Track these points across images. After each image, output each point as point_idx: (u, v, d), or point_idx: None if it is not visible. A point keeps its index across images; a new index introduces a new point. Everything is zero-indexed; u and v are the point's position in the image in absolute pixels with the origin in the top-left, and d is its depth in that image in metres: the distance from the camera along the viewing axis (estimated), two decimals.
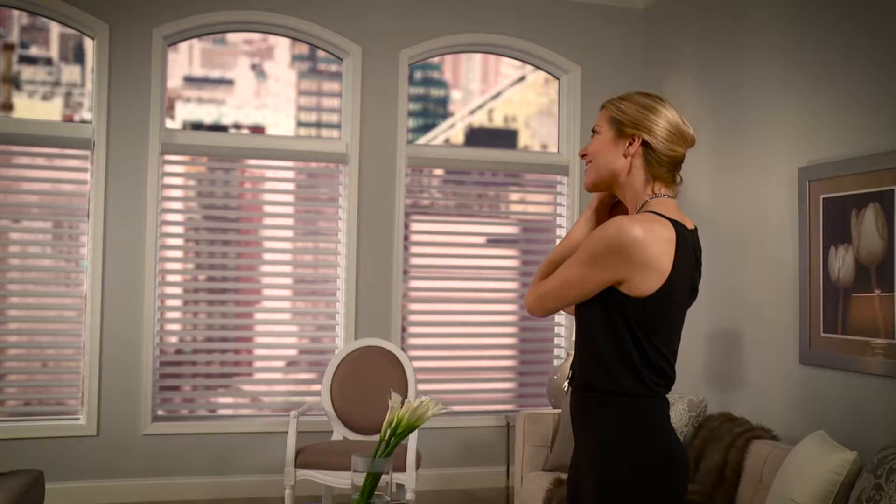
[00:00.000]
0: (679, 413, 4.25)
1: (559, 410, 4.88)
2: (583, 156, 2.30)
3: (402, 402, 2.70)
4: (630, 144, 2.19)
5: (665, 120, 2.20)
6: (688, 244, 2.12)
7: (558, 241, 6.21)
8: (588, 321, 2.18)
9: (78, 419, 5.42)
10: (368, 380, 5.17)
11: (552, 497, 4.09)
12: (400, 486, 4.65)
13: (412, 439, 4.66)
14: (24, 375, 5.46)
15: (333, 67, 6.04)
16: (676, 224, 2.11)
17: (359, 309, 5.77)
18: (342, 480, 4.66)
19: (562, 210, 6.18)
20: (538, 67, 6.29)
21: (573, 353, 2.34)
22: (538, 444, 4.74)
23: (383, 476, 2.72)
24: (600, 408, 2.13)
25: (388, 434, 2.69)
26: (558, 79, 6.28)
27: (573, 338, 5.46)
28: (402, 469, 4.62)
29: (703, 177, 5.37)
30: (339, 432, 5.13)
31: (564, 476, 4.22)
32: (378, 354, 5.23)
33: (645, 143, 2.18)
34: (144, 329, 5.47)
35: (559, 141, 6.28)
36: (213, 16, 5.62)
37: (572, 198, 6.12)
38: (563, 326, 6.12)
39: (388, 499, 2.78)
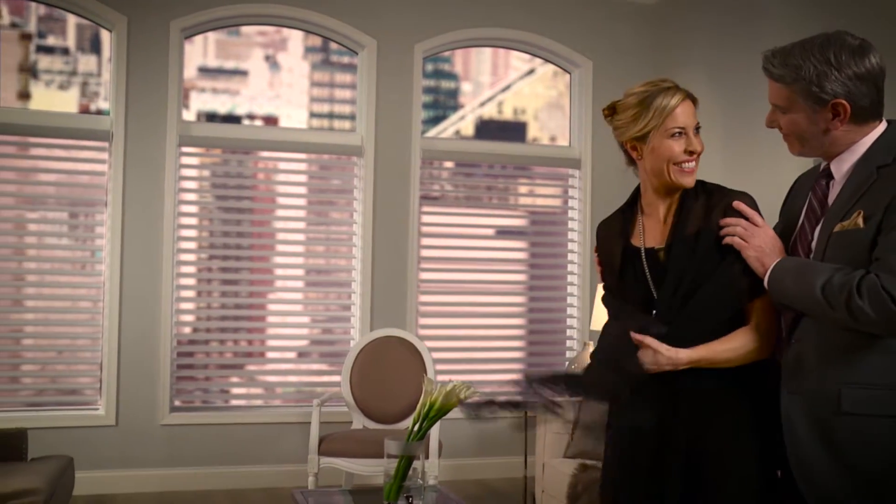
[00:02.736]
0: None
1: (579, 398, 4.94)
2: None
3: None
4: None
5: None
6: None
7: (570, 233, 6.27)
8: None
9: (97, 409, 5.43)
10: (387, 369, 5.21)
11: (578, 482, 4.16)
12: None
13: (434, 428, 4.71)
14: (41, 365, 5.49)
15: (346, 59, 6.08)
16: None
17: (374, 299, 5.81)
18: (364, 468, 4.74)
19: (573, 203, 6.25)
20: (551, 62, 6.35)
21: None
22: (559, 431, 4.80)
23: (415, 461, 2.80)
24: None
25: (421, 417, 2.76)
26: (570, 73, 6.35)
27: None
28: (426, 457, 4.67)
29: (715, 171, 5.44)
30: (359, 421, 5.18)
31: (588, 462, 4.28)
32: (396, 344, 5.28)
33: None
34: (162, 320, 5.49)
35: (571, 135, 6.35)
36: (230, 8, 5.64)
37: (584, 191, 6.18)
38: (576, 318, 6.19)
39: (421, 481, 2.84)
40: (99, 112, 5.57)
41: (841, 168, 2.08)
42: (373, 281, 5.81)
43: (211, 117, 5.83)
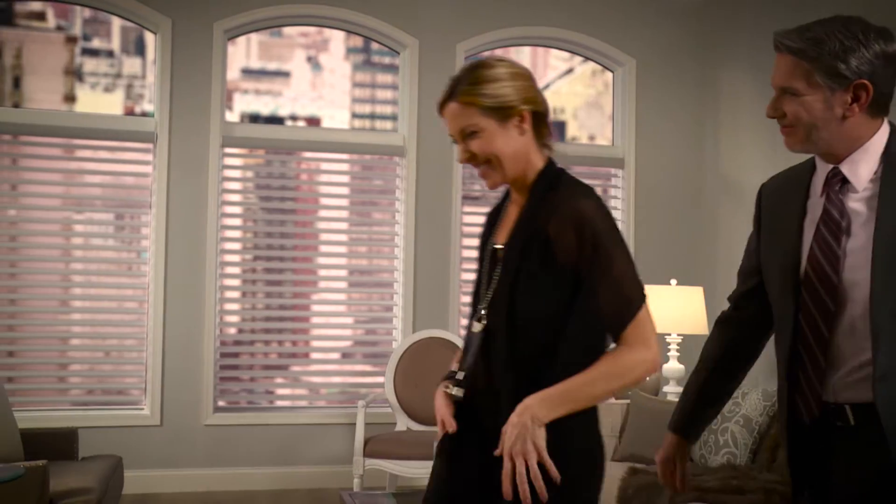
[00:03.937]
0: (753, 403, 4.28)
1: (627, 401, 4.91)
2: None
3: None
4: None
5: None
6: None
7: None
8: None
9: (142, 409, 5.47)
10: (431, 371, 5.18)
11: (628, 486, 4.11)
12: None
13: None
14: (88, 365, 5.53)
15: (387, 59, 6.07)
16: None
17: (417, 299, 5.80)
18: (409, 469, 4.73)
19: (616, 203, 6.19)
20: (594, 61, 6.29)
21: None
22: (607, 434, 4.71)
23: None
24: None
25: None
26: (613, 72, 6.29)
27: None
28: None
29: (760, 169, 5.37)
30: (403, 423, 5.17)
31: (638, 466, 4.25)
32: (439, 345, 5.27)
33: None
34: (206, 321, 5.51)
35: (613, 134, 6.29)
36: (273, 9, 5.65)
37: (628, 190, 6.12)
38: None
39: None
40: (143, 114, 5.61)
41: (857, 170, 1.89)
42: (415, 281, 5.80)
43: (254, 118, 5.85)
